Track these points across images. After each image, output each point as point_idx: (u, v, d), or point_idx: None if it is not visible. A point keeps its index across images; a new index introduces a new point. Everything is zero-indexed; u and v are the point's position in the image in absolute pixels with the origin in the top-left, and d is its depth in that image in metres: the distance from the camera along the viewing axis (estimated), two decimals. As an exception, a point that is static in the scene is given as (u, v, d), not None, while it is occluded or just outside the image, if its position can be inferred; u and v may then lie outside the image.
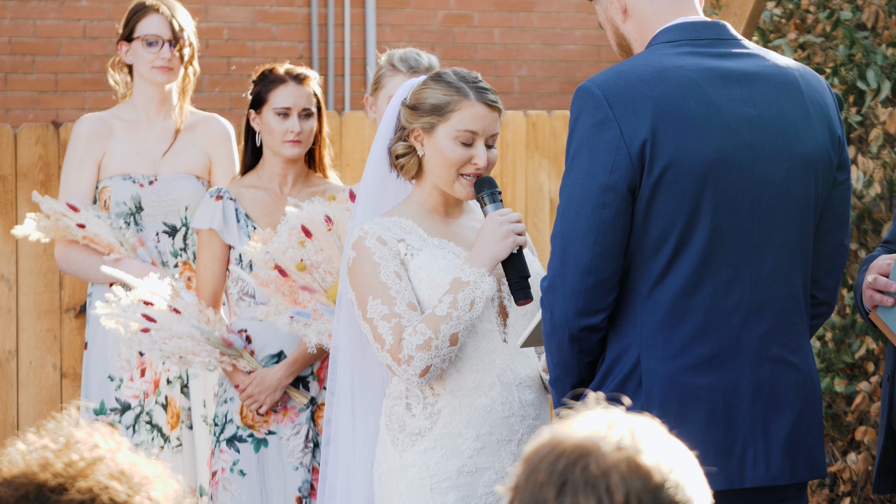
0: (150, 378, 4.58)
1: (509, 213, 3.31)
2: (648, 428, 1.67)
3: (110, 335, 4.55)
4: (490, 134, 3.35)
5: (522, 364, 3.37)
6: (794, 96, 2.99)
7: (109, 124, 4.67)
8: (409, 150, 3.38)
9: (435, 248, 3.34)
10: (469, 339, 3.30)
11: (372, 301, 3.26)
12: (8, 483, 1.64)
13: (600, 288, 2.89)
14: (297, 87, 4.37)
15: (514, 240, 3.27)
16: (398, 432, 3.32)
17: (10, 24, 7.86)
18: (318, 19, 8.54)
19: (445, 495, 3.27)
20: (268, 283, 4.07)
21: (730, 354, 2.93)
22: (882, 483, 3.41)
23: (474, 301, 3.23)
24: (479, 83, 3.36)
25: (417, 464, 3.28)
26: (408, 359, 3.21)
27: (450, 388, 3.30)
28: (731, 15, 5.15)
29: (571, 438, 1.65)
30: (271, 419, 4.31)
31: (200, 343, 4.15)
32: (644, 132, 2.85)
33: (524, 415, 3.34)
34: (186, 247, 4.65)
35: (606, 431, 1.65)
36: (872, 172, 5.45)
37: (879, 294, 3.24)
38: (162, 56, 4.58)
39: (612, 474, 1.60)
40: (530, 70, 8.97)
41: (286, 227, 4.05)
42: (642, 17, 3.04)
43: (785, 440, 2.98)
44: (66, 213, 4.54)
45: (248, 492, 4.28)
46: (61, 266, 4.66)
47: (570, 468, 1.62)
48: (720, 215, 2.89)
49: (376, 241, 3.30)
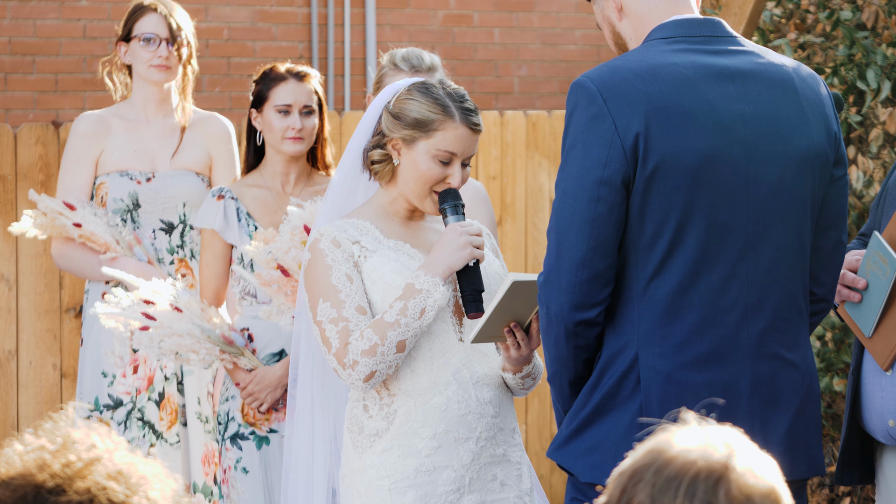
0: (144, 375, 4.58)
1: (470, 225, 3.31)
2: (751, 446, 1.71)
3: (104, 332, 4.56)
4: (468, 155, 3.36)
5: (480, 363, 3.37)
6: (790, 93, 2.99)
7: (108, 122, 4.67)
8: (385, 157, 3.37)
9: (389, 249, 3.35)
10: (423, 339, 3.30)
11: (322, 304, 3.27)
12: (5, 484, 1.64)
13: (595, 282, 2.90)
14: (297, 85, 4.37)
15: (472, 252, 3.27)
16: (357, 434, 3.33)
17: (10, 24, 7.87)
18: (318, 19, 8.54)
19: (404, 495, 3.28)
20: (270, 283, 4.08)
21: (728, 351, 2.93)
22: (846, 475, 3.43)
23: (425, 309, 3.23)
24: (465, 103, 3.35)
25: (375, 464, 3.29)
26: (353, 363, 3.22)
27: (405, 389, 3.30)
28: (731, 15, 5.15)
29: (697, 458, 1.66)
30: (273, 417, 4.31)
31: (200, 341, 4.16)
32: (637, 126, 2.86)
33: (482, 413, 3.34)
34: (183, 244, 4.65)
35: (728, 451, 1.67)
36: (872, 172, 5.45)
37: (847, 290, 3.26)
38: (159, 55, 4.58)
39: (754, 498, 1.62)
40: (530, 70, 8.97)
41: (289, 226, 4.05)
42: (638, 16, 3.05)
43: (783, 437, 2.98)
44: (63, 211, 4.54)
45: (252, 489, 4.28)
46: (58, 263, 4.66)
47: (711, 491, 1.63)
48: (715, 212, 2.90)
49: (330, 244, 3.31)
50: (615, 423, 2.92)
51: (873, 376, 3.33)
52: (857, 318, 3.28)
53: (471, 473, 3.32)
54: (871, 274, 3.23)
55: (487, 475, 3.35)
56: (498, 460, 3.37)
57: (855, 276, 3.25)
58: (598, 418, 2.96)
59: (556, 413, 3.09)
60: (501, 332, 3.26)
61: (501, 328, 3.25)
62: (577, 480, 3.02)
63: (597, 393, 2.96)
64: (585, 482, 2.97)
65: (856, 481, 3.44)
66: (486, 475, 3.35)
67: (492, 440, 3.36)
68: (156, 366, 4.59)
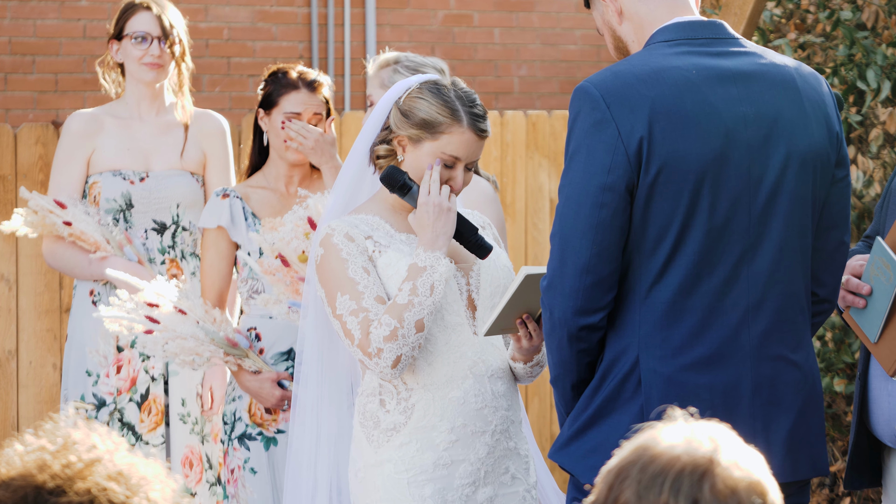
0: (127, 375, 4.56)
1: (426, 189, 3.30)
2: (737, 440, 1.71)
3: (89, 329, 4.55)
4: (472, 160, 3.36)
5: (493, 355, 3.39)
6: (791, 94, 2.99)
7: (100, 120, 4.65)
8: (390, 153, 3.38)
9: (402, 243, 3.35)
10: (439, 332, 3.31)
11: (340, 297, 3.27)
12: (6, 485, 1.64)
13: (599, 287, 2.90)
14: (309, 96, 4.35)
15: (449, 211, 3.28)
16: (373, 429, 3.33)
17: (10, 24, 7.87)
18: (318, 19, 8.54)
19: (422, 488, 3.29)
20: (272, 272, 4.09)
21: (729, 353, 2.93)
22: (855, 479, 3.43)
23: (434, 285, 3.23)
24: (474, 108, 3.34)
25: (393, 458, 3.30)
26: (377, 351, 3.22)
27: (423, 383, 3.31)
28: (731, 15, 5.15)
29: (681, 453, 1.66)
30: (280, 418, 4.31)
31: (204, 343, 4.15)
32: (641, 131, 2.86)
33: (497, 406, 3.36)
34: (175, 244, 4.64)
35: (713, 446, 1.66)
36: (872, 172, 5.45)
37: (851, 295, 3.26)
38: (151, 53, 4.57)
39: (739, 492, 1.62)
40: (530, 70, 8.97)
41: (293, 217, 4.06)
42: (638, 19, 3.04)
43: (786, 438, 2.98)
44: (53, 209, 4.52)
45: (260, 490, 4.28)
46: (48, 261, 4.64)
47: (696, 486, 1.62)
48: (717, 214, 2.90)
49: (344, 238, 3.30)
50: (616, 425, 2.92)
51: (880, 381, 3.33)
52: (862, 323, 3.27)
53: (486, 467, 3.34)
54: (874, 279, 3.22)
55: (500, 468, 3.38)
56: (510, 453, 3.40)
57: (859, 281, 3.24)
58: (599, 420, 2.96)
59: (559, 415, 3.10)
60: (514, 323, 3.27)
61: (514, 320, 3.26)
62: (577, 481, 3.02)
63: (598, 395, 2.97)
64: (586, 483, 2.97)
65: (865, 485, 3.44)
66: (500, 468, 3.37)
67: (505, 433, 3.38)
68: (140, 367, 4.56)
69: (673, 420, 1.73)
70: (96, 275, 4.51)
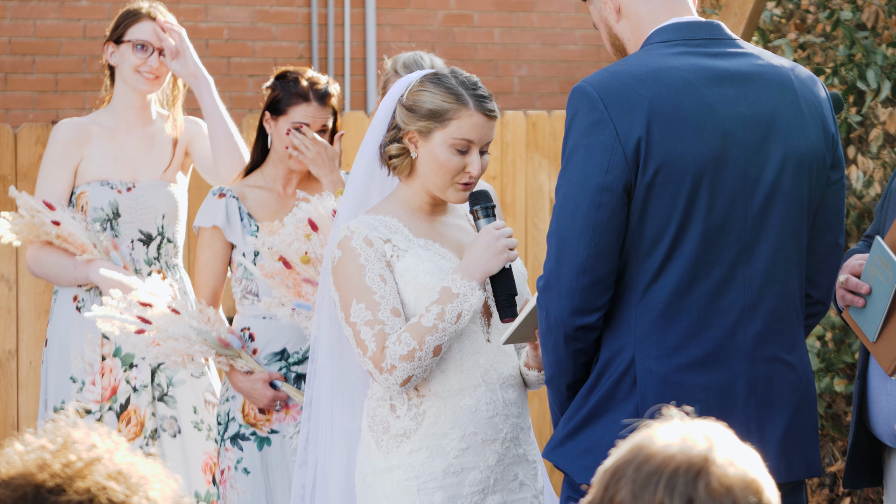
0: (108, 384, 4.53)
1: (504, 227, 3.31)
2: (732, 438, 1.71)
3: (73, 335, 4.52)
4: (485, 142, 3.35)
5: (505, 363, 3.38)
6: (788, 95, 3.00)
7: (88, 130, 4.61)
8: (402, 151, 3.36)
9: (420, 249, 3.33)
10: (454, 340, 3.29)
11: (356, 305, 3.25)
12: (6, 484, 1.64)
13: (596, 287, 2.90)
14: (319, 109, 4.32)
15: (508, 255, 3.28)
16: (382, 434, 3.32)
17: (10, 24, 7.87)
18: (318, 19, 8.54)
19: (432, 495, 3.27)
20: (272, 275, 4.08)
21: (724, 353, 2.93)
22: (854, 479, 3.44)
23: (461, 314, 3.23)
24: (478, 90, 3.34)
25: (403, 465, 3.28)
26: (390, 368, 3.21)
27: (434, 390, 3.30)
28: (731, 15, 5.15)
29: (676, 452, 1.66)
30: (273, 418, 4.31)
31: (195, 344, 4.14)
32: (639, 132, 2.86)
33: (508, 413, 3.35)
34: (160, 256, 4.61)
35: (707, 444, 1.67)
36: (872, 172, 5.46)
37: (851, 294, 3.26)
38: (149, 63, 4.55)
39: (734, 491, 1.62)
40: (530, 70, 8.97)
41: (293, 219, 4.05)
42: (636, 18, 3.05)
43: (780, 439, 2.98)
44: (42, 209, 4.50)
45: (253, 490, 4.28)
46: (32, 269, 4.59)
47: (690, 485, 1.63)
48: (714, 215, 2.90)
49: (363, 242, 3.28)
50: (611, 425, 2.92)
51: (879, 380, 3.33)
52: (861, 323, 3.28)
53: (495, 474, 3.33)
54: (874, 279, 3.23)
55: (509, 475, 3.37)
56: (519, 460, 3.39)
57: (858, 281, 3.25)
58: (594, 420, 2.96)
59: (553, 415, 3.09)
60: (532, 332, 3.26)
61: (533, 329, 3.25)
62: (572, 481, 3.02)
63: (594, 395, 2.97)
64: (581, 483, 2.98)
65: (864, 484, 3.45)
66: (509, 475, 3.36)
67: (514, 440, 3.37)
68: (122, 376, 4.54)
69: (668, 419, 1.73)
70: (80, 279, 4.47)
